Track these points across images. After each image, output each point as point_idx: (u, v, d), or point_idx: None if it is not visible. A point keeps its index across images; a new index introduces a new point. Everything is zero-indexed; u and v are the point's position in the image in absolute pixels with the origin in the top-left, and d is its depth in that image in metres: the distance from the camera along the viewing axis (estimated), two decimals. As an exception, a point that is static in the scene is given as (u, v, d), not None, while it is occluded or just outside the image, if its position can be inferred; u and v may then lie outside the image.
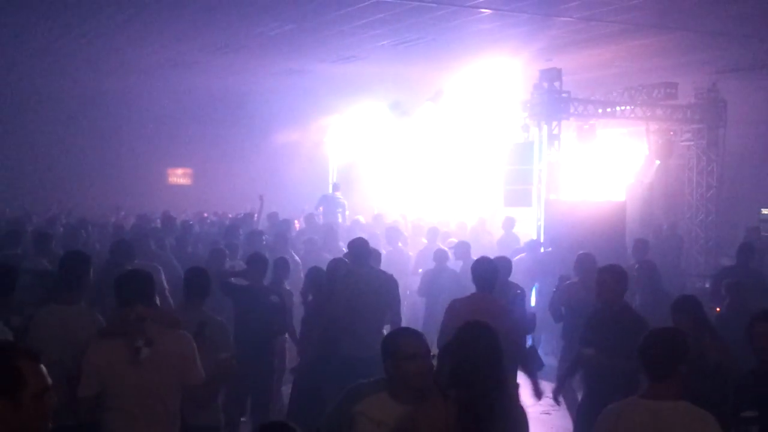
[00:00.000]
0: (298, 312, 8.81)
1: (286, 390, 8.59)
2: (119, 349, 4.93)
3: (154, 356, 4.89)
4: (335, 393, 5.06)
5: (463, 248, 11.68)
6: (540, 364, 7.58)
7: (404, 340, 4.47)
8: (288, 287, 9.02)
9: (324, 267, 8.56)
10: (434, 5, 12.34)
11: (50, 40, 15.31)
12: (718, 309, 8.64)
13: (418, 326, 8.51)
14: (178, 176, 24.61)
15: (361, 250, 8.42)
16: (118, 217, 17.42)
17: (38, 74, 18.71)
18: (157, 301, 5.88)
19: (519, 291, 8.45)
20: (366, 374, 4.90)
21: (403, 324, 7.93)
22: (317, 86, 19.43)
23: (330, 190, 19.16)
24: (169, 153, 23.18)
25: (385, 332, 7.23)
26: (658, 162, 15.71)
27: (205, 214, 17.91)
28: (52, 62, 17.58)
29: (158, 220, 15.11)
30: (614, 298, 6.83)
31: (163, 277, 8.52)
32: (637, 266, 9.85)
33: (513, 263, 9.24)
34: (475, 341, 4.32)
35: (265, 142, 22.44)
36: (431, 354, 4.51)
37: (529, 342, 7.97)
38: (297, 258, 11.30)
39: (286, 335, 8.67)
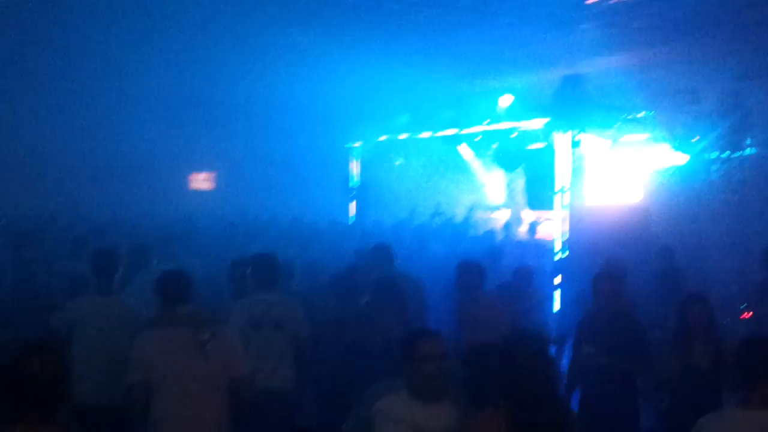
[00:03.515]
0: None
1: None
2: (177, 339, 5.17)
3: (213, 349, 5.15)
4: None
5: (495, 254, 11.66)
6: None
7: (422, 342, 4.54)
8: None
9: None
10: (456, 12, 12.41)
11: (72, 41, 15.40)
12: (748, 315, 8.63)
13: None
14: (201, 181, 24.74)
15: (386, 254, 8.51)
16: None
17: (59, 74, 18.82)
18: None
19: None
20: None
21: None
22: (340, 91, 19.50)
23: (352, 195, 19.16)
24: (192, 157, 23.30)
25: None
26: (678, 164, 15.66)
27: None
28: (73, 66, 17.70)
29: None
30: (611, 301, 6.95)
31: None
32: (661, 274, 9.85)
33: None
34: (533, 357, 4.29)
35: (287, 147, 22.52)
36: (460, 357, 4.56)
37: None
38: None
39: None
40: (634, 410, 6.97)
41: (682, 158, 15.47)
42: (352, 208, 19.39)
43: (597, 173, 14.83)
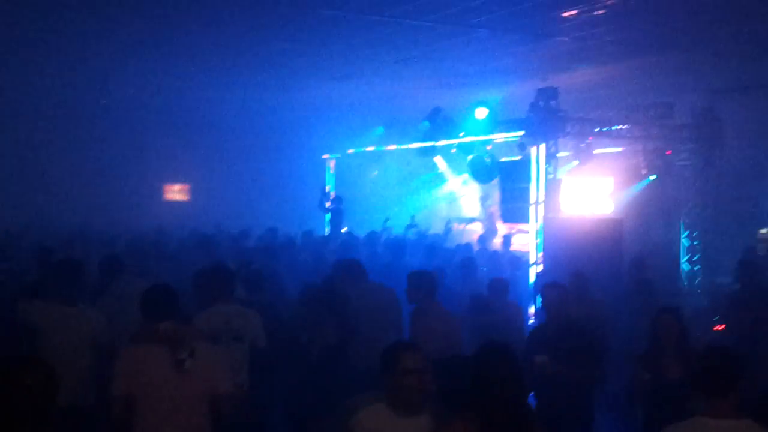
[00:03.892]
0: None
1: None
2: (157, 355, 5.11)
3: (192, 367, 5.09)
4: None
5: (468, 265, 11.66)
6: None
7: (404, 355, 4.53)
8: None
9: None
10: (431, 24, 12.42)
11: (48, 53, 15.30)
12: (722, 327, 8.66)
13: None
14: (175, 192, 24.62)
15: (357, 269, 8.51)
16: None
17: (33, 87, 18.70)
18: None
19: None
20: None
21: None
22: (315, 103, 19.50)
23: (327, 204, 19.07)
24: (166, 169, 23.21)
25: None
26: (653, 178, 15.76)
27: None
28: (48, 77, 17.60)
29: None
30: (559, 312, 7.08)
31: None
32: (634, 286, 9.88)
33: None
34: (498, 366, 4.27)
35: (262, 158, 22.48)
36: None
37: None
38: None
39: None
40: (588, 419, 7.02)
41: (655, 171, 15.58)
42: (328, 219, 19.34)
43: (571, 186, 14.87)
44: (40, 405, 3.60)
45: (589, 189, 14.96)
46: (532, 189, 14.12)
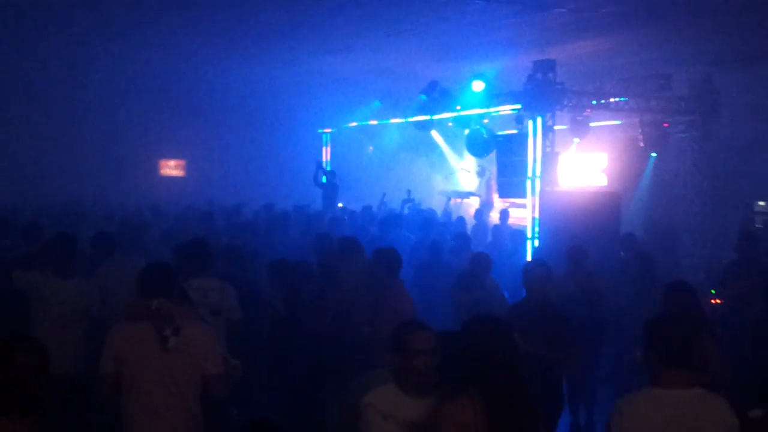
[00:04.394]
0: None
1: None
2: (144, 333, 5.08)
3: (179, 345, 5.06)
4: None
5: (463, 240, 11.62)
6: None
7: (413, 335, 4.47)
8: None
9: None
10: (427, -2, 12.32)
11: (42, 30, 15.20)
12: (718, 300, 8.64)
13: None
14: (171, 168, 24.54)
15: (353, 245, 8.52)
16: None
17: (29, 66, 18.61)
18: None
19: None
20: None
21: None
22: (310, 77, 19.37)
23: (323, 179, 18.98)
24: (162, 144, 23.12)
25: None
26: (654, 154, 15.70)
27: None
28: (42, 54, 17.48)
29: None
30: (539, 291, 7.08)
31: None
32: (631, 258, 9.85)
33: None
34: (490, 336, 4.25)
35: (258, 133, 22.39)
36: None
37: None
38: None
39: None
40: (558, 398, 7.04)
41: (652, 144, 15.51)
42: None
43: (568, 159, 14.81)
44: (33, 382, 3.58)
45: (586, 162, 14.90)
46: (529, 162, 14.06)
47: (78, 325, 6.94)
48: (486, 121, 16.33)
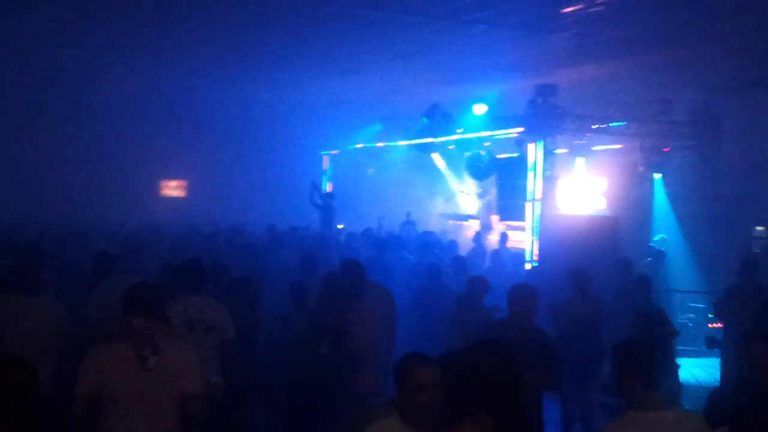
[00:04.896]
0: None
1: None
2: (123, 353, 5.02)
3: (158, 365, 5.00)
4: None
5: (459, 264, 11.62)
6: None
7: (416, 369, 4.30)
8: None
9: None
10: (430, 20, 12.37)
11: (45, 49, 15.28)
12: (719, 324, 8.63)
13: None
14: (172, 188, 24.58)
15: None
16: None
17: (32, 83, 18.68)
18: None
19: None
20: None
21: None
22: (313, 99, 19.45)
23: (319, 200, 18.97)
24: (163, 165, 23.18)
25: None
26: (658, 178, 15.71)
27: None
28: (45, 74, 17.57)
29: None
30: (524, 316, 6.98)
31: None
32: (628, 282, 9.85)
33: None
34: (498, 361, 4.24)
35: (260, 154, 22.44)
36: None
37: None
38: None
39: None
40: (539, 420, 6.99)
41: (653, 168, 15.52)
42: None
43: (568, 183, 14.83)
44: (24, 402, 3.61)
45: (585, 186, 14.91)
46: (529, 186, 14.10)
47: (47, 343, 6.84)
48: (487, 144, 16.38)
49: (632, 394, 4.43)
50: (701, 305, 13.78)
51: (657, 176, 15.50)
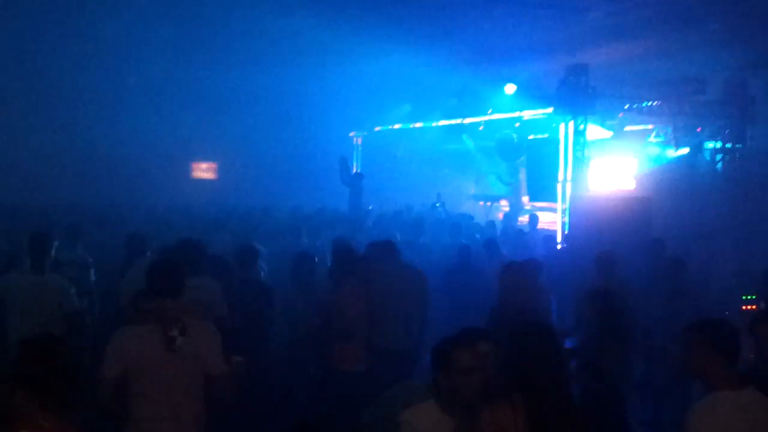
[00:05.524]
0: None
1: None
2: (150, 334, 5.01)
3: (184, 345, 4.99)
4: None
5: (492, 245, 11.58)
6: None
7: (459, 353, 4.19)
8: None
9: None
10: (460, 1, 12.32)
11: (75, 35, 15.37)
12: (754, 307, 8.54)
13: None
14: (203, 170, 24.71)
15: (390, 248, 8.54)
16: None
17: (63, 66, 18.79)
18: None
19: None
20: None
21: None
22: (342, 81, 19.44)
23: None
24: (194, 147, 23.30)
25: None
26: (684, 154, 15.55)
27: None
28: (76, 53, 17.66)
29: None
30: (510, 296, 6.93)
31: None
32: (660, 264, 9.75)
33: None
34: (538, 344, 4.16)
35: (289, 136, 22.48)
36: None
37: None
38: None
39: None
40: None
41: (685, 148, 15.37)
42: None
43: (600, 163, 14.72)
44: (68, 385, 3.74)
45: (617, 167, 14.80)
46: (560, 166, 14.02)
47: (52, 319, 7.02)
48: (517, 125, 16.30)
49: (716, 374, 4.34)
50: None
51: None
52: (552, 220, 14.84)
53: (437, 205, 17.47)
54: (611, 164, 14.93)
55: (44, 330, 6.29)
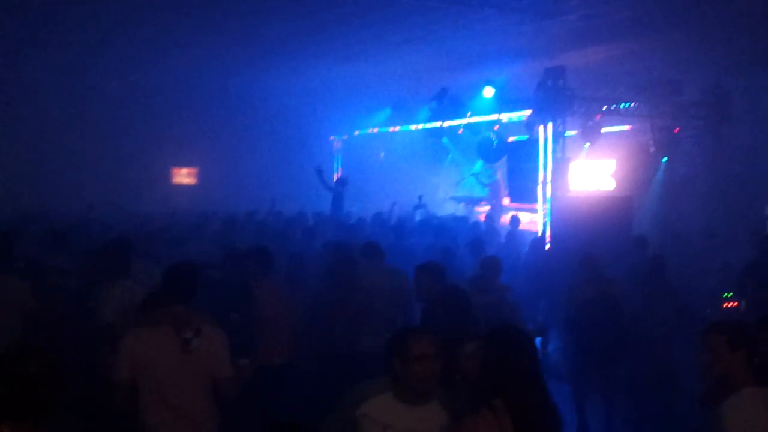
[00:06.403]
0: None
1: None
2: (164, 336, 5.09)
3: (198, 347, 5.09)
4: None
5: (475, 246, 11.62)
6: None
7: (414, 341, 4.31)
8: None
9: None
10: (438, 4, 12.37)
11: (54, 37, 15.30)
12: (735, 304, 8.63)
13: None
14: (183, 176, 24.65)
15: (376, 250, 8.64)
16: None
17: (42, 71, 18.73)
18: None
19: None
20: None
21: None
22: (322, 85, 19.46)
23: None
24: (174, 152, 23.24)
25: None
26: (665, 159, 15.70)
27: None
28: (56, 59, 17.60)
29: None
30: (425, 295, 6.92)
31: None
32: (643, 261, 9.84)
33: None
34: (517, 347, 4.18)
35: (270, 140, 22.48)
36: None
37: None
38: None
39: None
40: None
41: (663, 149, 15.53)
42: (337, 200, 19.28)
43: (579, 164, 14.84)
44: (40, 392, 3.64)
45: (596, 167, 14.93)
46: (540, 168, 14.11)
47: (13, 321, 6.96)
48: (496, 127, 16.39)
49: (740, 372, 4.42)
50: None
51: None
52: (531, 220, 14.93)
53: (418, 207, 17.51)
54: (590, 165, 15.06)
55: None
